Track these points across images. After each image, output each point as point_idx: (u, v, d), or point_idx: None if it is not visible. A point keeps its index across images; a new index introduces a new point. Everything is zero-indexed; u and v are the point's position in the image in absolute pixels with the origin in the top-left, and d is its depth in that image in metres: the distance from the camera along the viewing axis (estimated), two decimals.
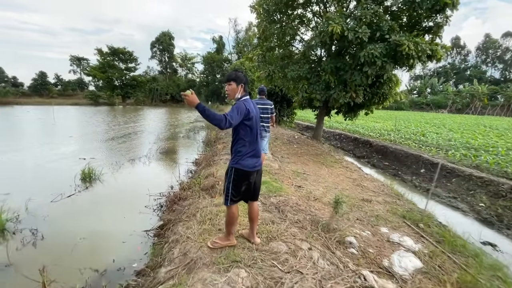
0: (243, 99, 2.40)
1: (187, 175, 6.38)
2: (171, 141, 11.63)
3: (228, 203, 2.42)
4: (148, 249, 3.30)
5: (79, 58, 52.42)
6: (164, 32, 50.21)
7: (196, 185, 4.61)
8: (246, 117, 2.31)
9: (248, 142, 2.38)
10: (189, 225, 3.11)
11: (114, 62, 46.24)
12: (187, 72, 54.94)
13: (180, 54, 54.36)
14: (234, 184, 2.39)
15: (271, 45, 10.27)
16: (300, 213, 3.57)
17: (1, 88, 41.60)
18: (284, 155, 7.85)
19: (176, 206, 4.13)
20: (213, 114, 2.10)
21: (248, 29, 47.18)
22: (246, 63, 33.47)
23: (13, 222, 3.92)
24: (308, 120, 21.94)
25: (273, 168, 5.85)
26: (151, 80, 49.67)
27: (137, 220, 4.08)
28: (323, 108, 10.40)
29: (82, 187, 5.52)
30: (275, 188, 4.26)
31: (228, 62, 50.80)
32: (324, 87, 8.34)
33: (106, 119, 21.26)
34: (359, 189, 5.50)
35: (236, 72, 2.42)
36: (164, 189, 5.37)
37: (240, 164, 2.37)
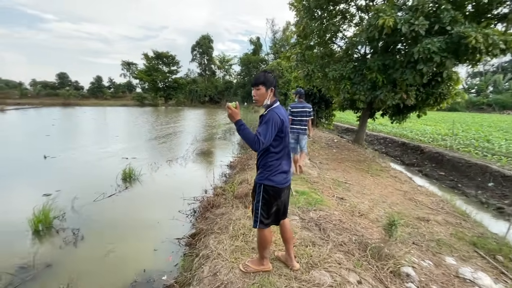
0: (275, 106, 2.07)
1: (221, 179, 6.26)
2: (207, 142, 11.79)
3: (257, 226, 2.11)
4: (178, 260, 3.16)
5: (129, 63, 57.07)
6: (204, 36, 52.11)
7: (230, 192, 4.41)
8: (280, 129, 2.00)
9: (280, 155, 2.08)
10: (220, 239, 2.89)
11: (158, 66, 49.42)
12: (225, 74, 56.30)
13: (218, 57, 55.94)
14: (264, 204, 2.08)
15: (311, 43, 9.75)
16: (345, 232, 3.13)
17: (66, 91, 47.19)
18: (323, 160, 7.32)
19: (209, 213, 3.97)
20: (247, 134, 1.89)
21: (285, 28, 46.65)
22: (282, 63, 33.01)
23: (59, 220, 4.14)
24: (348, 122, 20.73)
25: (311, 175, 5.42)
26: (191, 82, 51.96)
27: (170, 226, 4.01)
28: (366, 110, 9.56)
29: (122, 187, 5.72)
30: (314, 201, 3.85)
31: (264, 62, 50.82)
32: (370, 87, 7.60)
33: (150, 119, 22.64)
34: (412, 204, 4.79)
35: (265, 73, 2.08)
36: (198, 193, 5.29)
37: (271, 180, 2.05)
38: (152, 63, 48.93)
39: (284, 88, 31.06)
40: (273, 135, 1.95)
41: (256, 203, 2.11)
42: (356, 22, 9.39)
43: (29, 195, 5.24)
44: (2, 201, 5.08)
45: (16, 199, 5.18)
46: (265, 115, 2.02)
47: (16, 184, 6.04)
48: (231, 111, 1.94)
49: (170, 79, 50.16)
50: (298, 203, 3.71)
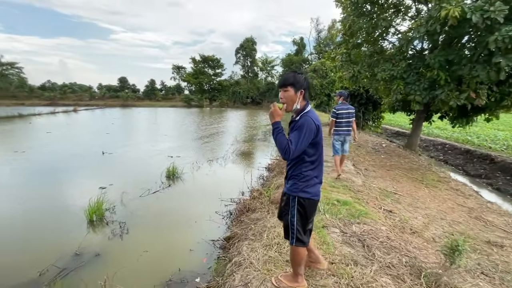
0: (308, 110, 1.86)
1: (258, 181, 6.19)
2: (247, 143, 11.89)
3: (294, 243, 1.91)
4: (212, 262, 3.15)
5: (179, 66, 61.18)
6: (247, 38, 53.23)
7: (266, 196, 4.29)
8: (315, 136, 1.81)
9: (316, 164, 1.89)
10: (254, 247, 2.78)
11: (205, 69, 52.17)
12: (267, 75, 56.68)
13: (261, 58, 56.60)
14: (300, 219, 1.88)
15: (358, 41, 9.12)
16: (393, 252, 2.75)
17: (125, 93, 52.82)
18: (368, 167, 6.74)
19: (244, 217, 3.91)
20: (280, 139, 1.75)
21: (331, 27, 45.04)
22: (327, 63, 31.82)
23: (110, 212, 4.52)
24: (399, 125, 18.98)
25: (355, 183, 5.00)
26: (234, 84, 53.54)
27: (206, 226, 4.06)
28: (422, 112, 8.57)
29: (166, 184, 6.03)
30: (358, 212, 3.50)
31: (307, 62, 49.83)
32: (427, 87, 6.76)
33: (196, 120, 23.88)
34: (479, 224, 4.07)
35: (294, 74, 1.87)
36: (236, 194, 5.29)
37: (307, 192, 1.85)
38: (199, 67, 51.89)
39: (327, 89, 29.87)
40: (306, 143, 1.77)
41: (291, 218, 1.91)
42: (412, 15, 8.48)
43: (87, 187, 5.86)
44: (65, 192, 5.79)
45: (77, 190, 5.84)
46: (297, 121, 1.83)
47: (78, 176, 6.84)
48: (275, 110, 1.81)
49: (215, 82, 52.57)
50: (339, 214, 3.41)
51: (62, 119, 22.59)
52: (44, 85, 54.58)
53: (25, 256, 3.34)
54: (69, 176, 6.81)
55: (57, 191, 5.77)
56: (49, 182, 6.30)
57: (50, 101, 45.74)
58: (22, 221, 4.25)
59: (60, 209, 4.75)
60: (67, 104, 41.57)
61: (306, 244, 1.95)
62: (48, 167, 7.53)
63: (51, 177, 6.65)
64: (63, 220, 4.31)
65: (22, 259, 3.27)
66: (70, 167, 7.52)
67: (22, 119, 21.02)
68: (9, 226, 4.08)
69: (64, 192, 5.77)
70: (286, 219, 1.94)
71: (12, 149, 9.58)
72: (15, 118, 21.28)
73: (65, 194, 5.64)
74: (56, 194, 5.57)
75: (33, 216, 4.43)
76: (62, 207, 4.87)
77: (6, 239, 3.73)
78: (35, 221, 4.24)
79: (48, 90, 52.78)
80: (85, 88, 57.16)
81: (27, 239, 3.73)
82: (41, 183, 6.17)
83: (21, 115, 22.91)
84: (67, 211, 4.62)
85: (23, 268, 3.03)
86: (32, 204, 4.90)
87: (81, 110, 32.94)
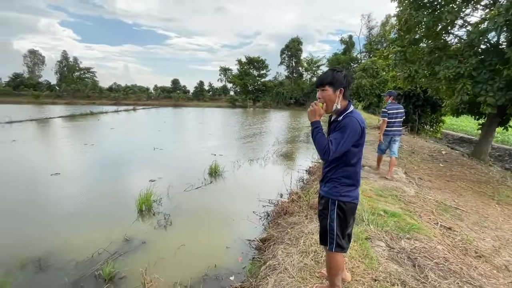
0: (350, 110, 1.74)
1: (298, 184, 6.03)
2: (289, 144, 11.73)
3: (334, 249, 1.80)
4: (247, 262, 3.14)
5: (225, 68, 63.65)
6: (293, 39, 52.73)
7: (305, 200, 4.14)
8: (359, 138, 1.71)
9: (357, 168, 1.80)
10: (289, 252, 2.69)
11: (250, 70, 53.33)
12: (312, 76, 55.37)
13: (306, 59, 55.56)
14: (339, 223, 1.79)
15: (415, 37, 8.23)
16: (452, 276, 2.38)
17: (176, 94, 57.09)
18: (423, 176, 6.04)
19: (281, 220, 3.82)
20: (319, 139, 1.68)
21: (384, 23, 41.91)
22: (379, 61, 29.67)
23: (157, 204, 4.87)
24: (463, 130, 16.69)
25: (406, 193, 4.51)
26: (278, 85, 53.58)
27: (243, 226, 4.08)
28: (495, 116, 7.36)
29: (208, 181, 6.28)
30: (408, 226, 3.13)
31: (355, 62, 47.28)
32: (503, 86, 5.77)
33: (240, 120, 24.53)
34: None
35: (332, 72, 1.75)
36: (274, 195, 5.24)
37: (348, 195, 1.78)
38: (244, 68, 53.31)
39: (378, 89, 27.90)
40: (348, 145, 1.66)
41: (330, 222, 1.80)
42: (486, 3, 7.34)
43: (139, 179, 6.42)
44: (121, 182, 6.43)
45: (130, 181, 6.46)
46: (340, 121, 1.72)
47: (132, 169, 7.57)
48: (315, 108, 1.73)
49: (259, 82, 53.40)
50: (386, 226, 3.09)
51: (124, 117, 25.37)
52: (111, 87, 62.24)
53: (84, 237, 3.79)
54: (125, 168, 7.58)
55: (114, 181, 6.46)
56: (109, 172, 7.09)
57: (115, 101, 51.79)
58: (84, 205, 4.85)
59: (116, 198, 5.30)
60: (128, 104, 46.55)
61: (345, 249, 1.86)
62: (109, 159, 8.50)
63: (110, 168, 7.49)
64: (117, 208, 4.78)
65: (82, 239, 3.71)
66: (126, 160, 8.37)
67: (93, 116, 24.22)
68: (74, 209, 4.69)
69: (120, 182, 6.43)
70: (325, 223, 1.84)
71: (83, 142, 11.09)
72: (87, 115, 24.63)
73: (120, 184, 6.29)
74: (113, 183, 6.24)
75: (94, 202, 5.02)
76: (117, 196, 5.42)
77: (72, 219, 4.29)
78: (95, 207, 4.80)
79: (114, 91, 59.95)
80: (143, 89, 63.35)
81: (87, 222, 4.23)
82: (102, 173, 6.98)
83: (92, 112, 26.47)
84: (121, 200, 5.13)
85: (82, 248, 3.43)
86: (94, 191, 5.57)
87: (139, 109, 36.59)
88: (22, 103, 44.00)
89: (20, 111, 26.87)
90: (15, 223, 4.18)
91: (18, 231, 3.91)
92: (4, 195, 5.34)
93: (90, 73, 62.17)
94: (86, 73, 61.76)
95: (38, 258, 3.17)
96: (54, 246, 3.48)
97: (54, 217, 4.40)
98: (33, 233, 3.84)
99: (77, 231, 3.95)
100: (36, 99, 48.37)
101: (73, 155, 8.87)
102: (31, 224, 4.15)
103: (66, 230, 3.96)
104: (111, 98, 54.85)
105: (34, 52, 63.63)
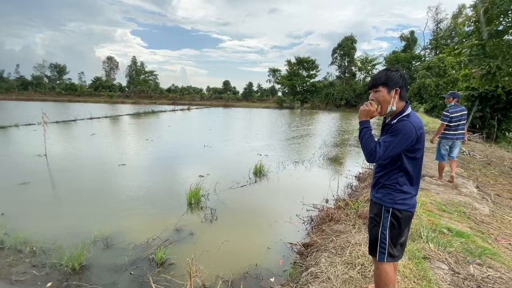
0: (407, 113, 1.60)
1: (345, 190, 5.70)
2: (337, 148, 11.20)
3: (385, 259, 1.68)
4: (288, 266, 3.09)
5: (274, 70, 64.06)
6: (346, 37, 50.21)
7: (353, 208, 3.88)
8: (416, 145, 1.56)
9: (413, 175, 1.64)
10: (333, 261, 2.55)
11: (299, 71, 52.63)
12: (366, 75, 51.90)
13: (360, 57, 52.35)
14: (394, 230, 1.65)
15: (498, 28, 7.01)
16: None
17: (227, 95, 59.71)
18: (502, 192, 5.12)
19: (326, 226, 3.66)
20: (367, 140, 1.60)
21: (456, 14, 36.85)
22: (447, 59, 26.34)
23: (204, 198, 5.14)
24: None
25: (477, 211, 3.88)
26: (328, 85, 51.68)
27: (285, 228, 4.03)
28: None
29: (253, 180, 6.38)
30: (480, 250, 2.68)
31: (418, 59, 42.74)
32: None
33: (287, 121, 24.43)
34: None
35: (386, 71, 1.63)
36: (318, 200, 5.05)
37: (405, 203, 1.64)
38: (293, 69, 52.85)
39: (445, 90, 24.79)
40: (398, 150, 1.54)
41: (382, 230, 1.68)
42: None
43: (189, 173, 6.88)
44: (174, 176, 6.97)
45: (182, 175, 6.95)
46: (393, 125, 1.59)
47: (183, 164, 8.16)
48: (368, 108, 1.63)
49: (308, 83, 52.34)
50: (450, 247, 2.71)
51: (179, 115, 27.55)
52: (169, 88, 68.32)
53: (142, 222, 4.22)
54: (178, 163, 8.22)
55: (168, 173, 7.05)
56: (165, 165, 7.77)
57: (172, 101, 56.64)
58: (143, 194, 5.40)
59: (169, 189, 5.77)
60: (183, 104, 50.37)
61: (398, 258, 1.72)
62: (165, 153, 9.31)
63: (166, 161, 8.20)
64: (170, 199, 5.20)
65: (140, 225, 4.14)
66: (179, 155, 9.07)
67: (154, 114, 26.91)
68: (135, 197, 5.25)
69: (173, 175, 6.98)
70: (376, 231, 1.71)
71: (145, 137, 12.41)
72: (149, 113, 27.48)
73: (174, 177, 6.83)
74: (168, 176, 6.81)
75: (151, 191, 5.55)
76: (171, 187, 5.90)
77: (133, 206, 4.82)
78: (152, 196, 5.30)
79: (172, 92, 65.66)
80: (197, 90, 67.91)
81: (145, 209, 4.70)
82: (159, 166, 7.69)
83: (153, 111, 29.49)
84: (174, 192, 5.57)
85: (140, 232, 3.82)
86: (152, 182, 6.16)
87: (193, 109, 39.30)
88: (99, 102, 51.40)
89: (98, 109, 31.43)
90: (90, 204, 4.89)
91: (92, 211, 4.57)
92: (83, 180, 6.30)
93: (153, 76, 69.30)
94: (150, 75, 68.97)
95: (106, 237, 3.65)
96: (118, 228, 3.96)
97: (119, 202, 5.01)
98: (102, 214, 4.44)
99: (137, 216, 4.42)
100: (110, 98, 55.90)
101: (136, 149, 9.98)
102: (102, 206, 4.80)
103: (128, 214, 4.47)
104: (169, 98, 60.17)
105: (111, 59, 73.75)
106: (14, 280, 2.81)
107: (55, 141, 10.59)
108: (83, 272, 2.97)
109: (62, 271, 2.95)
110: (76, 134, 13.59)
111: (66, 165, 7.49)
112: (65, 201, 5.10)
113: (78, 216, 4.37)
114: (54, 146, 9.55)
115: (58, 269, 2.98)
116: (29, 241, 3.48)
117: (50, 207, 4.87)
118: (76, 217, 4.33)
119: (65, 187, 5.86)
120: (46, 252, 3.29)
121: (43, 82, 67.20)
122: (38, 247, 3.37)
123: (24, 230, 3.74)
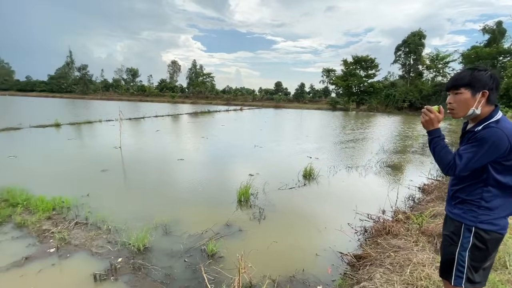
0: (496, 119, 1.36)
1: (406, 202, 5.14)
2: (397, 154, 10.18)
3: (463, 284, 1.45)
4: (337, 276, 2.94)
5: (329, 70, 61.58)
6: (413, 33, 45.17)
7: (415, 223, 3.48)
8: (509, 155, 1.31)
9: (505, 190, 1.37)
10: (390, 279, 2.33)
11: (356, 71, 49.50)
12: (436, 75, 45.93)
13: (429, 54, 46.47)
14: (475, 253, 1.42)
15: None
16: None
17: (278, 96, 59.92)
18: None
19: (382, 240, 3.37)
20: (441, 150, 1.41)
21: None
22: None
23: (253, 197, 5.26)
24: None
25: None
26: (388, 86, 47.44)
27: (335, 236, 3.84)
28: None
29: (302, 183, 6.26)
30: None
31: (507, 55, 35.99)
32: None
33: (340, 123, 23.29)
34: None
35: (472, 71, 1.41)
36: (374, 211, 4.66)
37: (493, 223, 1.39)
38: (349, 69, 49.98)
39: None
40: (482, 162, 1.33)
41: (461, 251, 1.46)
42: None
43: (240, 172, 7.11)
44: (226, 173, 7.30)
45: (233, 173, 7.23)
46: (478, 132, 1.36)
47: (235, 162, 8.48)
48: (431, 116, 1.47)
49: (366, 84, 48.87)
50: None
51: (232, 115, 28.76)
52: (224, 89, 71.89)
53: (196, 214, 4.53)
54: (230, 161, 8.59)
55: (221, 170, 7.42)
56: (218, 162, 8.22)
57: (226, 102, 59.35)
58: (198, 188, 5.80)
59: (221, 185, 6.07)
60: (236, 104, 52.33)
61: (479, 285, 1.47)
62: (218, 151, 9.84)
63: (219, 159, 8.67)
64: (222, 195, 5.47)
65: (195, 216, 4.45)
66: (231, 154, 9.47)
67: (209, 114, 28.69)
68: (191, 190, 5.68)
69: (225, 172, 7.33)
70: (452, 251, 1.50)
71: (201, 135, 13.32)
72: (205, 113, 29.41)
73: (226, 174, 7.16)
74: (220, 172, 7.18)
75: (205, 186, 5.93)
76: (223, 184, 6.21)
77: (189, 198, 5.22)
78: (206, 191, 5.66)
79: (226, 93, 68.93)
80: (250, 91, 69.80)
81: (199, 202, 5.04)
82: (213, 163, 8.17)
83: (209, 111, 31.49)
84: (225, 188, 5.84)
85: (194, 224, 4.11)
86: (206, 177, 6.58)
87: (245, 109, 40.56)
88: (164, 101, 57.09)
89: (162, 108, 35.00)
90: (153, 192, 5.48)
91: (154, 199, 5.11)
92: (149, 171, 7.09)
93: (210, 78, 73.86)
94: (207, 77, 73.70)
95: (165, 224, 4.03)
96: (175, 216, 4.34)
97: (177, 193, 5.49)
98: (163, 203, 4.93)
99: (191, 208, 4.77)
100: (172, 98, 61.57)
101: (193, 145, 10.79)
102: (163, 195, 5.34)
103: (184, 205, 4.87)
104: (224, 99, 63.24)
105: (175, 62, 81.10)
106: (94, 252, 3.33)
107: (128, 135, 12.19)
108: (146, 253, 3.34)
109: (130, 249, 3.37)
110: (144, 129, 15.38)
111: (136, 156, 8.55)
112: (134, 188, 5.83)
113: (143, 202, 4.95)
114: (127, 139, 10.98)
115: (127, 247, 3.41)
116: (106, 220, 4.08)
117: (123, 192, 5.62)
118: (141, 203, 4.91)
119: (134, 176, 6.69)
120: (118, 231, 3.80)
121: (120, 84, 77.94)
122: (112, 226, 3.92)
123: (103, 210, 4.40)
